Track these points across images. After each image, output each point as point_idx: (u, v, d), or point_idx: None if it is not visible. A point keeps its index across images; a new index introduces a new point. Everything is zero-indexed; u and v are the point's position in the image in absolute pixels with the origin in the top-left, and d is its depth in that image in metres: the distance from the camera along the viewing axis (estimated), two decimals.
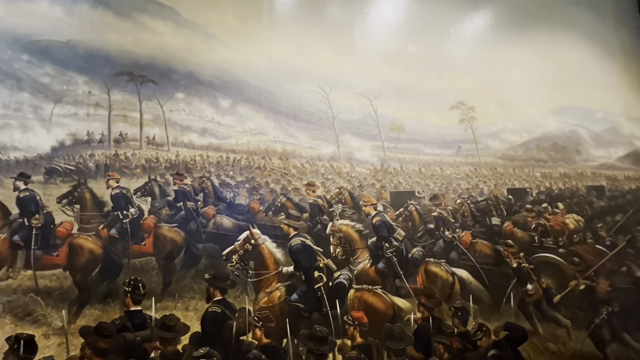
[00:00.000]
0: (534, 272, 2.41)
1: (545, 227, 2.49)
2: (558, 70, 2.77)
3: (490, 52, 2.64)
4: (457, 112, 2.44)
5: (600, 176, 2.60)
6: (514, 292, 2.34)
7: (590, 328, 2.43)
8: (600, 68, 2.89)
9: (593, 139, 2.66)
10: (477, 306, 2.26)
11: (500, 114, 2.54)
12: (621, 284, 2.55)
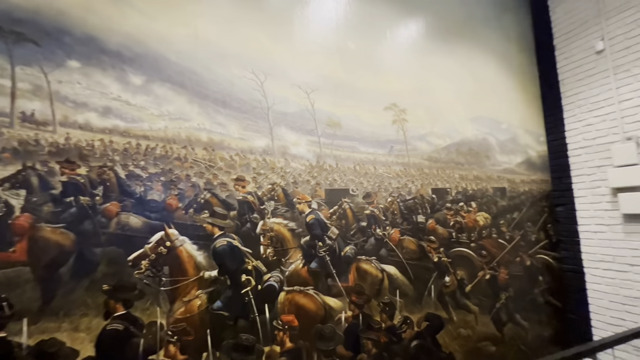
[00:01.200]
0: (451, 266, 2.63)
1: (461, 224, 2.73)
2: (474, 83, 3.07)
3: (421, 58, 2.78)
4: (390, 113, 2.51)
5: (503, 179, 2.96)
6: (434, 285, 2.52)
7: (493, 312, 2.77)
8: (505, 85, 3.29)
9: (499, 146, 3.02)
10: (403, 300, 2.37)
11: (428, 118, 2.70)
12: (515, 272, 2.97)
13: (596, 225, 3.00)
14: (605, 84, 2.97)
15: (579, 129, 3.18)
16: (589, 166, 3.08)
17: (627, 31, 2.84)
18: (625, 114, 2.83)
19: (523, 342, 2.88)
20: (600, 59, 3.02)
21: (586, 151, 3.11)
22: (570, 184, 3.22)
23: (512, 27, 3.51)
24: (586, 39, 3.14)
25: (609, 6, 2.97)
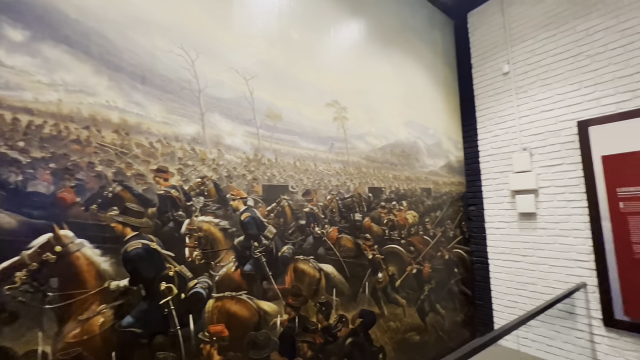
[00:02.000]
0: (383, 262, 2.73)
1: (393, 222, 2.85)
2: (407, 89, 3.24)
3: (362, 59, 2.81)
4: (332, 110, 2.47)
5: (429, 180, 3.19)
6: (368, 281, 2.58)
7: (418, 304, 2.96)
8: (432, 95, 3.57)
9: (427, 150, 3.24)
10: (339, 298, 2.36)
11: (367, 118, 2.74)
12: (437, 265, 3.24)
13: (499, 222, 3.48)
14: (509, 101, 3.47)
15: (488, 138, 3.65)
16: (495, 171, 3.55)
17: (526, 58, 3.36)
18: (523, 128, 3.35)
19: (441, 329, 3.16)
20: (506, 79, 3.52)
21: (493, 158, 3.58)
22: (481, 186, 3.68)
23: (439, 43, 3.85)
24: (496, 61, 3.62)
25: (514, 35, 3.48)
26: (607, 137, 2.74)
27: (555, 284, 3.02)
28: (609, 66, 2.79)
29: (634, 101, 2.64)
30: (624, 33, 2.73)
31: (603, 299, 2.69)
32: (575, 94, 2.98)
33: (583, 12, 2.97)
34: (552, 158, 3.10)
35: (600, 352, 2.71)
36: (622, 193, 2.56)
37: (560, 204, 3.02)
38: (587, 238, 2.82)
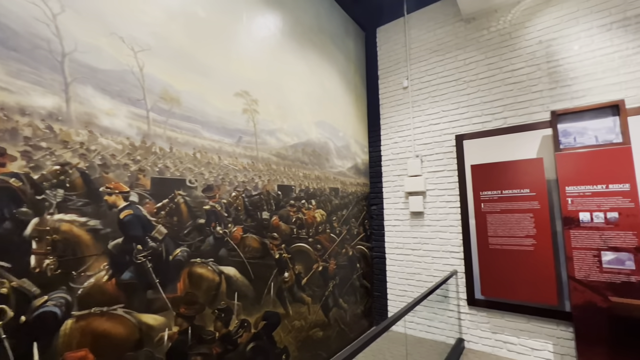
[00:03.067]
0: (290, 261, 2.69)
1: (302, 220, 2.84)
2: (321, 90, 3.30)
3: (278, 53, 2.73)
4: (241, 100, 2.30)
5: (337, 180, 3.31)
6: (274, 282, 2.50)
7: (322, 300, 3.03)
8: (344, 98, 3.74)
9: (337, 151, 3.36)
10: (242, 302, 2.21)
11: (279, 114, 2.67)
12: (341, 262, 3.40)
13: (395, 220, 3.88)
14: (407, 113, 3.91)
15: (389, 145, 4.03)
16: (394, 174, 3.95)
17: (420, 76, 3.84)
18: (416, 138, 3.81)
19: (343, 322, 3.32)
20: (405, 93, 3.95)
21: (392, 163, 3.98)
22: (382, 187, 4.04)
23: (352, 51, 4.07)
24: (398, 75, 4.03)
25: (412, 55, 3.93)
26: (475, 150, 3.34)
27: (435, 272, 3.52)
28: (478, 92, 3.42)
29: (493, 122, 3.29)
30: (489, 67, 3.38)
31: (468, 282, 3.26)
32: (455, 112, 3.55)
33: (463, 44, 3.56)
34: (437, 165, 3.62)
35: (464, 327, 3.28)
36: (483, 196, 3.15)
37: (441, 204, 3.54)
38: (459, 233, 3.38)
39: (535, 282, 2.81)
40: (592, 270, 2.46)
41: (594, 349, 2.41)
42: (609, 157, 2.48)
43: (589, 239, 2.49)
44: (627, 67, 2.69)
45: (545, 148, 2.96)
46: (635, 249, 2.34)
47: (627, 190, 2.39)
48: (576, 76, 2.90)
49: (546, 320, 2.84)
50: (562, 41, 2.99)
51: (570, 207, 2.59)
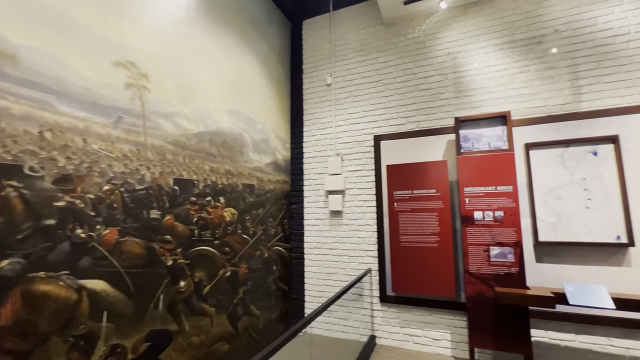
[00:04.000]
0: (188, 267, 2.32)
1: (206, 220, 2.49)
2: (237, 76, 2.99)
3: (181, 25, 2.33)
4: (124, 72, 1.86)
5: (253, 177, 3.04)
6: (164, 294, 2.10)
7: (230, 309, 2.71)
8: (265, 90, 3.48)
9: (253, 145, 3.08)
10: (114, 324, 1.77)
11: (180, 95, 2.27)
12: (255, 265, 3.13)
13: (315, 219, 3.78)
14: (329, 111, 3.84)
15: (311, 142, 3.92)
16: (315, 172, 3.85)
17: (344, 75, 3.82)
18: (338, 136, 3.77)
19: (255, 330, 3.05)
20: (329, 90, 3.88)
21: (314, 160, 3.87)
22: (303, 186, 3.90)
23: (276, 41, 3.83)
24: (323, 71, 3.94)
25: (337, 52, 3.89)
26: (391, 151, 3.44)
27: (352, 271, 3.52)
28: (395, 95, 3.53)
29: (408, 125, 3.44)
30: (405, 72, 3.52)
31: (381, 280, 3.33)
32: (374, 113, 3.61)
33: (383, 47, 3.65)
34: (356, 164, 3.63)
35: (376, 324, 3.35)
36: (396, 195, 3.25)
37: (359, 203, 3.56)
38: (374, 232, 3.44)
39: (438, 277, 2.99)
40: (483, 264, 2.71)
41: (482, 333, 2.65)
42: (498, 161, 2.77)
43: (481, 235, 2.74)
44: (513, 84, 3.06)
45: (449, 152, 3.18)
46: (515, 243, 2.64)
47: (510, 191, 2.70)
48: (475, 88, 3.19)
49: (446, 312, 3.06)
50: (465, 55, 3.27)
51: (468, 206, 2.81)
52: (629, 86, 2.68)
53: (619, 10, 2.77)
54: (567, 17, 2.93)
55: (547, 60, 2.95)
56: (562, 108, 2.85)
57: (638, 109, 2.60)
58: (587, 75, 2.81)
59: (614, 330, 2.53)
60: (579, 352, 2.61)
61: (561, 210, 2.70)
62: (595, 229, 2.58)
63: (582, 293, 2.31)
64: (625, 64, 2.71)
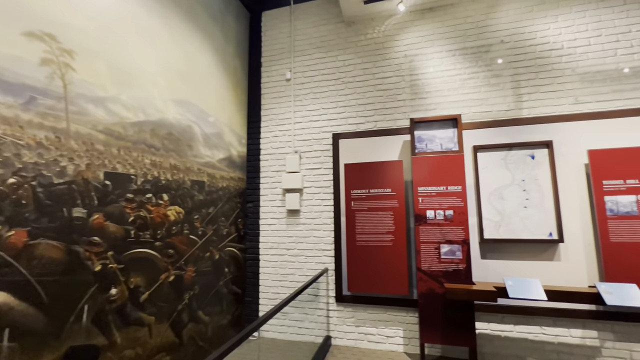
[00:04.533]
0: (122, 273, 2.06)
1: (145, 219, 2.25)
2: (187, 65, 2.76)
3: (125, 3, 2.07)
4: (39, 45, 1.58)
5: (203, 173, 2.83)
6: (90, 303, 1.83)
7: (173, 317, 2.48)
8: (219, 81, 3.27)
9: (204, 138, 2.87)
10: (20, 342, 1.49)
11: (114, 79, 2.01)
12: (204, 268, 2.91)
13: (271, 219, 3.64)
14: (288, 107, 3.73)
15: (269, 138, 3.77)
16: (272, 170, 3.71)
17: (304, 70, 3.73)
18: (296, 133, 3.67)
19: (202, 338, 2.84)
20: (288, 85, 3.76)
21: (272, 157, 3.73)
22: (259, 183, 3.73)
23: (232, 30, 3.63)
24: (282, 66, 3.82)
25: (297, 47, 3.78)
26: (349, 149, 3.42)
27: (308, 272, 3.44)
28: (354, 94, 3.53)
29: (366, 125, 3.45)
30: (364, 71, 3.53)
31: (337, 279, 3.30)
32: (333, 110, 3.57)
33: (343, 45, 3.62)
34: (314, 162, 3.56)
35: (332, 324, 3.31)
36: (354, 194, 3.23)
37: (317, 202, 3.50)
38: (331, 231, 3.40)
39: (392, 275, 3.03)
40: (434, 261, 2.79)
41: (432, 329, 2.72)
42: (449, 162, 2.87)
43: (433, 233, 2.82)
44: (463, 89, 3.20)
45: (405, 152, 3.25)
46: (463, 241, 2.75)
47: (459, 191, 2.81)
48: (430, 91, 3.30)
49: (399, 309, 3.11)
50: (421, 58, 3.36)
51: (421, 205, 2.88)
52: (561, 97, 2.94)
53: (554, 26, 3.03)
54: (511, 29, 3.14)
55: (494, 68, 3.14)
56: (505, 114, 3.05)
57: (568, 117, 2.86)
58: (527, 85, 3.04)
59: (545, 319, 2.75)
60: (516, 341, 2.80)
61: (504, 209, 2.88)
62: (531, 226, 2.79)
63: (521, 287, 2.47)
64: (558, 76, 2.97)
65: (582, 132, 2.81)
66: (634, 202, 2.56)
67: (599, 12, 2.94)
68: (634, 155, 2.60)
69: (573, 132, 2.83)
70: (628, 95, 2.79)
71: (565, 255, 2.73)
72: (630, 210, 2.56)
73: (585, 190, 2.76)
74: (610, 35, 2.89)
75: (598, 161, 2.66)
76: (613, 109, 2.80)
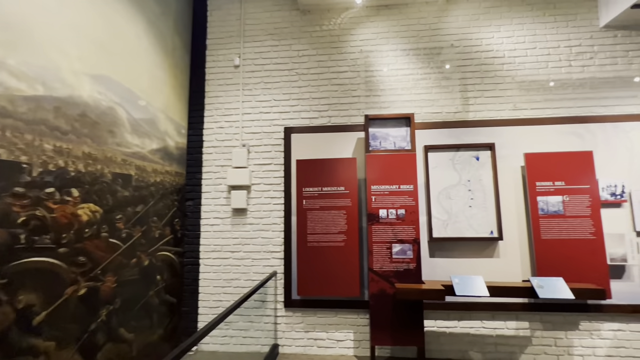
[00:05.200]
0: (5, 290, 1.60)
1: (44, 220, 1.79)
2: (109, 34, 2.31)
3: None
4: None
5: (130, 165, 2.40)
6: None
7: (83, 339, 2.04)
8: (154, 59, 2.84)
9: (132, 124, 2.44)
10: None
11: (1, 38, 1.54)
12: (129, 276, 2.47)
13: (214, 218, 3.28)
14: (236, 95, 3.40)
15: (214, 129, 3.40)
16: (217, 164, 3.35)
17: (254, 58, 3.44)
18: (245, 125, 3.36)
19: None
20: (236, 72, 3.44)
21: (216, 150, 3.37)
22: (201, 179, 3.35)
23: (173, 4, 3.19)
24: (230, 50, 3.47)
25: (247, 32, 3.48)
26: (302, 145, 3.23)
27: (255, 276, 3.17)
28: (309, 87, 3.34)
29: (320, 120, 3.29)
30: (319, 64, 3.36)
31: (286, 283, 3.08)
32: (286, 103, 3.35)
33: (298, 35, 3.42)
34: (264, 157, 3.30)
35: (280, 331, 3.08)
36: (306, 192, 3.05)
37: (266, 200, 3.24)
38: (281, 231, 3.17)
39: (344, 277, 2.91)
40: (385, 261, 2.74)
41: (382, 331, 2.66)
42: (402, 161, 2.85)
43: (385, 233, 2.77)
44: (416, 89, 3.23)
45: (359, 149, 3.16)
46: (413, 240, 2.75)
47: (411, 190, 2.80)
48: (384, 89, 3.26)
49: (350, 311, 3.01)
50: (377, 55, 3.31)
51: (374, 204, 2.81)
52: (502, 102, 3.11)
53: (497, 35, 3.20)
54: (460, 34, 3.24)
55: (444, 70, 3.21)
56: (454, 116, 3.14)
57: (508, 122, 3.04)
58: (473, 89, 3.16)
59: (485, 314, 2.88)
60: (460, 336, 2.88)
61: (451, 208, 2.94)
62: (475, 225, 2.90)
63: (466, 284, 2.52)
64: (500, 83, 3.14)
65: (519, 136, 3.00)
66: (560, 202, 2.79)
67: (534, 26, 3.18)
68: (561, 159, 2.84)
69: (512, 136, 3.00)
70: (557, 104, 3.06)
71: (504, 252, 2.88)
72: (557, 210, 2.78)
73: (521, 190, 2.95)
74: (543, 49, 3.14)
75: (532, 164, 2.86)
76: (545, 116, 3.04)
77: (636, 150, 2.88)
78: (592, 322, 2.79)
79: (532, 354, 2.80)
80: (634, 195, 2.81)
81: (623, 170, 2.86)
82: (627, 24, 3.03)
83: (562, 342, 2.80)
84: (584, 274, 2.68)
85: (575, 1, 3.16)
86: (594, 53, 3.08)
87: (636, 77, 3.00)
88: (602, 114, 2.99)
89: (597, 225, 2.72)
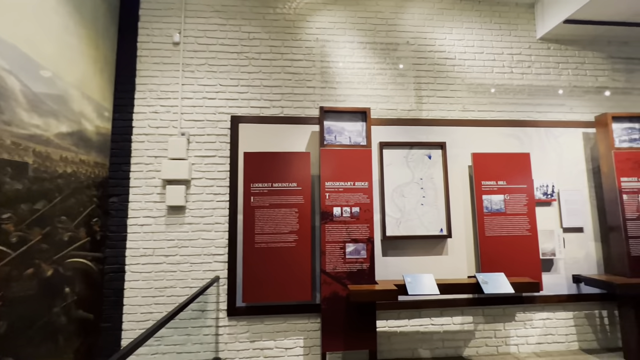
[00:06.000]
0: None
1: None
2: None
3: None
4: None
5: (27, 150, 1.90)
6: None
7: None
8: (65, 22, 2.33)
9: (30, 99, 1.93)
10: None
11: None
12: (20, 292, 1.95)
13: (144, 217, 2.82)
14: (175, 77, 2.97)
15: (147, 114, 2.93)
16: (149, 155, 2.88)
17: (198, 36, 3.04)
18: (184, 111, 2.95)
19: None
20: (175, 51, 3.00)
21: (149, 139, 2.90)
22: (129, 171, 2.85)
23: None
24: (168, 25, 3.02)
25: (190, 7, 3.06)
26: (251, 136, 2.93)
27: (193, 282, 2.79)
28: (260, 74, 3.06)
29: (271, 110, 3.02)
30: (272, 49, 3.09)
31: (230, 289, 2.77)
32: (234, 89, 3.01)
33: (249, 16, 3.10)
34: (207, 148, 2.93)
35: (222, 343, 2.76)
36: (254, 189, 2.77)
37: (208, 197, 2.88)
38: (225, 232, 2.84)
39: (295, 280, 2.70)
40: (339, 262, 2.59)
41: (334, 335, 2.51)
42: (357, 157, 2.73)
43: (338, 232, 2.62)
44: (372, 84, 3.14)
45: (313, 143, 2.97)
46: (367, 239, 2.64)
47: (366, 187, 2.69)
48: (340, 81, 3.12)
49: (300, 316, 2.81)
50: (333, 45, 3.15)
51: (328, 202, 2.65)
52: (452, 103, 3.18)
53: (450, 37, 3.27)
54: (415, 32, 3.24)
55: (400, 68, 3.18)
56: (408, 113, 3.12)
57: (458, 122, 3.11)
58: (427, 88, 3.18)
59: (433, 310, 2.91)
60: (410, 335, 2.87)
61: (404, 206, 2.91)
62: (427, 223, 2.90)
63: (417, 283, 2.49)
64: (451, 84, 3.21)
65: (468, 136, 3.09)
66: (502, 201, 2.93)
67: (482, 32, 3.31)
68: (503, 160, 2.98)
69: (461, 135, 3.08)
70: (500, 108, 3.22)
71: (452, 249, 2.93)
72: (499, 208, 2.91)
73: (468, 189, 3.03)
74: (489, 54, 3.28)
75: (479, 163, 2.96)
76: (490, 118, 3.18)
77: (564, 154, 3.15)
78: (525, 313, 2.98)
79: (475, 346, 2.90)
80: (562, 195, 3.07)
81: (553, 172, 3.11)
82: (559, 38, 3.30)
83: (500, 334, 2.94)
84: (521, 268, 2.84)
85: (516, 12, 3.36)
86: (532, 62, 3.31)
87: (562, 89, 3.29)
88: (537, 119, 3.22)
89: (532, 222, 2.90)
